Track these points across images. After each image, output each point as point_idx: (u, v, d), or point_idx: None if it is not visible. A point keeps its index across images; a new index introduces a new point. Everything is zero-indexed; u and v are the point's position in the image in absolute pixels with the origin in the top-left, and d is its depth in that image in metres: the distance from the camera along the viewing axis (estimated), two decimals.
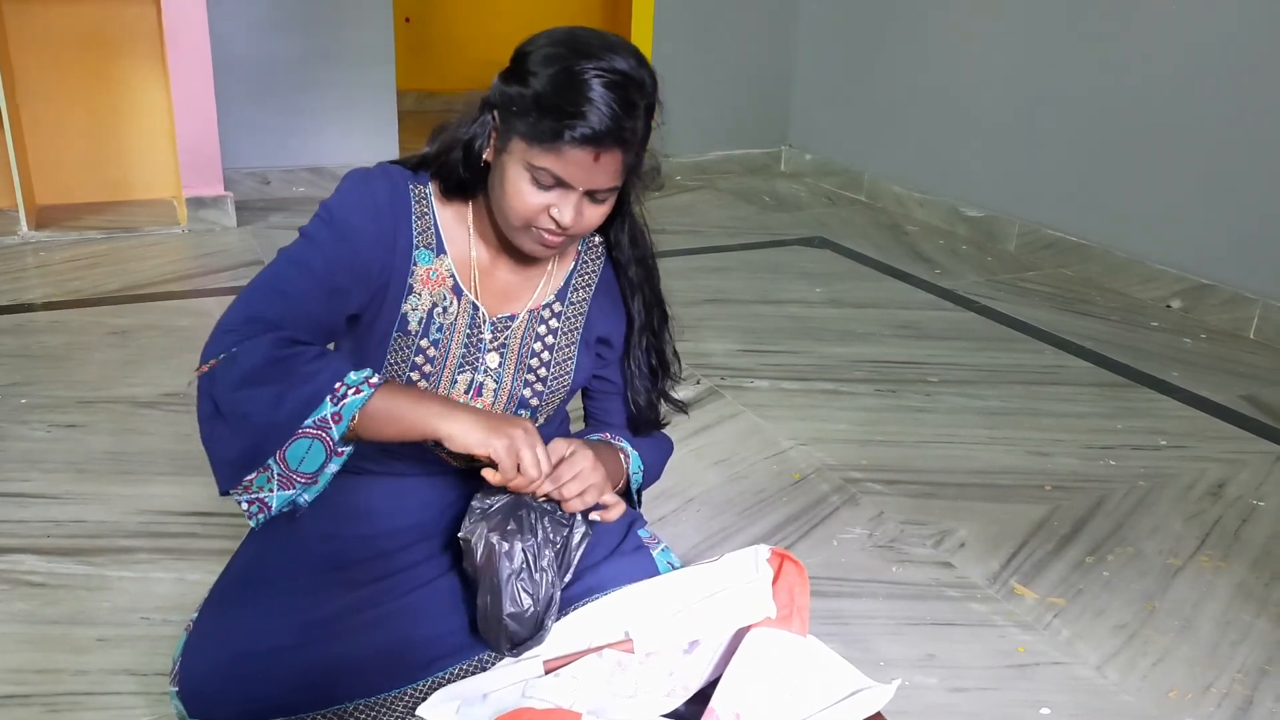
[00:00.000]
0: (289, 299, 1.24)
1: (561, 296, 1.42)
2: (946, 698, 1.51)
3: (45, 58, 3.56)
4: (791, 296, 3.21)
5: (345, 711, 1.21)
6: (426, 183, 1.35)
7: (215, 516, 1.87)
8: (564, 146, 1.17)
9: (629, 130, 1.18)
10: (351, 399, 1.16)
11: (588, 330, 1.44)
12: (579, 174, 1.19)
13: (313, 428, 1.16)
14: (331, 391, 1.16)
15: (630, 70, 1.18)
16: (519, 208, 1.23)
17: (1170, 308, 3.25)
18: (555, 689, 1.15)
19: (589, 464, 1.25)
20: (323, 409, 1.16)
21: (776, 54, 4.85)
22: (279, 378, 1.16)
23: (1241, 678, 1.58)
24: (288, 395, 1.16)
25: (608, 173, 1.20)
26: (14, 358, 2.53)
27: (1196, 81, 3.15)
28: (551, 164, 1.19)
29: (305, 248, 1.28)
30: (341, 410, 1.16)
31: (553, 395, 1.43)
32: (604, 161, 1.19)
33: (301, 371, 1.16)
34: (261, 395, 1.16)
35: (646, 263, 1.44)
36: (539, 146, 1.18)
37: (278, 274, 1.26)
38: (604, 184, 1.21)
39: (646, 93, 1.21)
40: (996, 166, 3.89)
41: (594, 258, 1.45)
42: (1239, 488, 2.14)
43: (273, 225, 3.73)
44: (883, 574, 1.81)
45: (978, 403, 2.50)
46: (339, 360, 1.21)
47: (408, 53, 4.70)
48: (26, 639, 1.54)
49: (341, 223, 1.28)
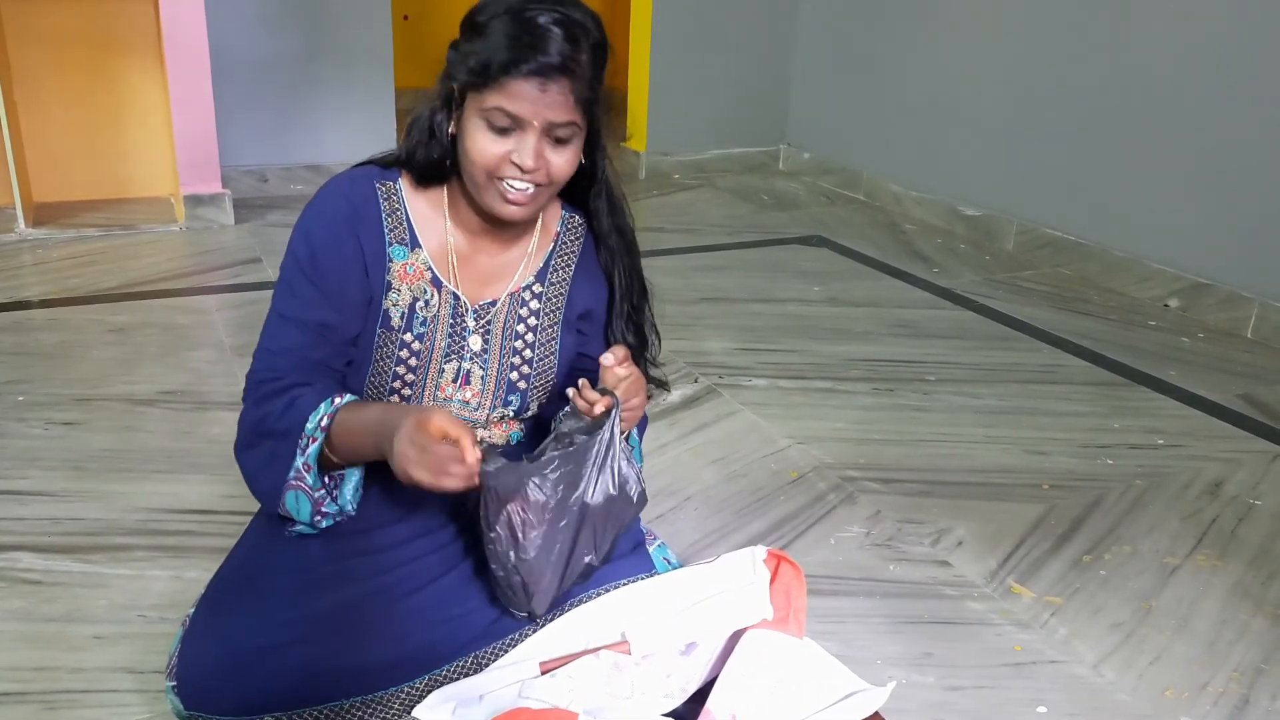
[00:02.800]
0: (279, 353, 1.33)
1: (541, 277, 1.43)
2: (943, 696, 1.51)
3: (43, 55, 3.56)
4: (789, 295, 3.21)
5: (342, 708, 1.21)
6: (396, 178, 1.36)
7: (212, 514, 1.87)
8: (509, 81, 1.20)
9: (572, 60, 1.21)
10: (311, 448, 1.26)
11: (569, 308, 1.44)
12: (528, 107, 1.21)
13: (294, 480, 1.28)
14: (298, 444, 1.26)
15: (574, 14, 1.22)
16: (479, 159, 1.25)
17: (1168, 307, 3.25)
18: (552, 689, 1.15)
19: (641, 384, 1.32)
20: (295, 461, 1.27)
21: (775, 53, 4.84)
22: (261, 439, 1.30)
23: (1238, 676, 1.58)
24: (276, 454, 1.29)
25: (559, 105, 1.22)
26: (11, 355, 2.52)
27: (1194, 80, 3.15)
28: (501, 100, 1.21)
29: (286, 297, 1.34)
30: (309, 458, 1.26)
31: (539, 377, 1.43)
32: (552, 92, 1.21)
33: (277, 430, 1.28)
34: (256, 457, 1.31)
35: (626, 233, 1.45)
36: (488, 89, 1.21)
37: (269, 330, 1.35)
38: (558, 117, 1.23)
39: (593, 33, 1.24)
40: (994, 165, 3.89)
41: (574, 237, 1.45)
42: (1236, 487, 2.14)
43: (270, 223, 3.73)
44: (880, 572, 1.81)
45: (975, 401, 2.50)
46: (305, 407, 1.27)
47: (406, 51, 4.69)
48: (23, 636, 1.53)
49: (311, 264, 1.32)
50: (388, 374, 1.36)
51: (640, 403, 1.32)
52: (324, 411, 1.26)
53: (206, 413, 2.27)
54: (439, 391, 1.39)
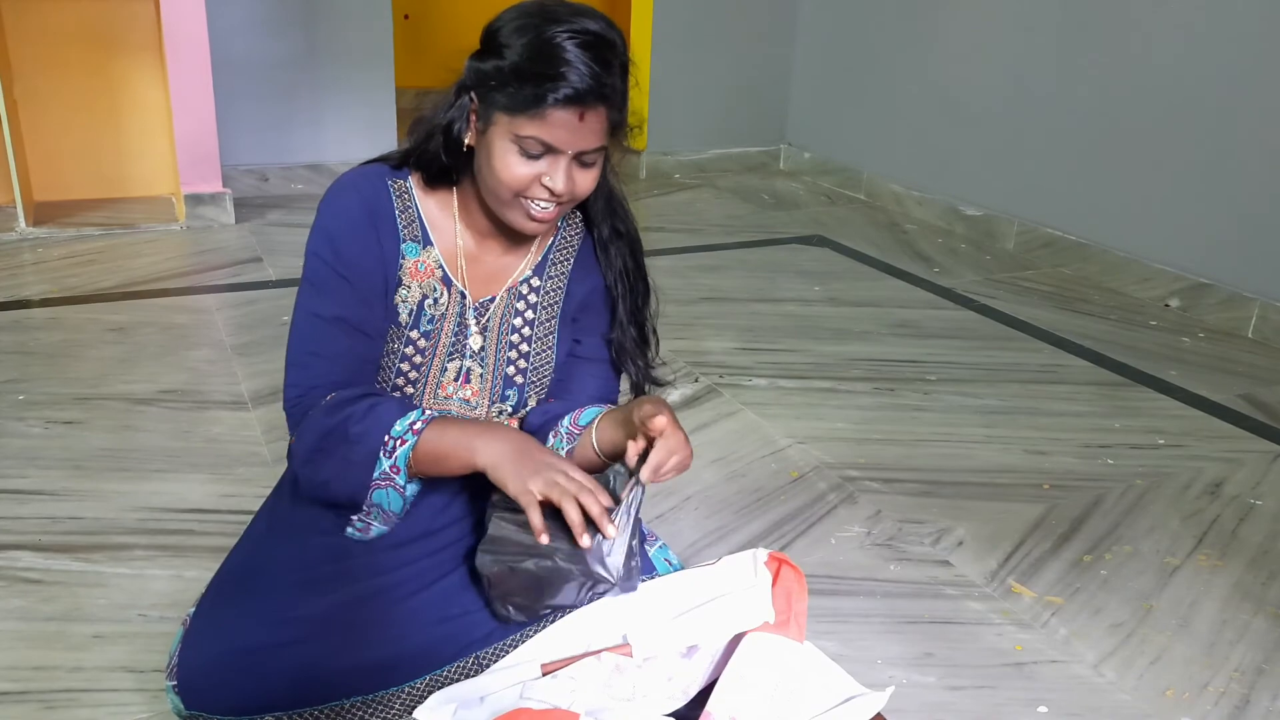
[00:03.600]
0: (326, 358, 1.30)
1: (539, 271, 1.42)
2: (944, 696, 1.51)
3: (44, 54, 3.55)
4: (789, 295, 3.21)
5: (342, 708, 1.21)
6: (407, 176, 1.36)
7: (212, 513, 1.87)
8: (548, 110, 1.18)
9: (609, 86, 1.20)
10: (400, 451, 1.24)
11: (567, 302, 1.44)
12: (566, 136, 1.20)
13: (382, 480, 1.26)
14: (383, 446, 1.24)
15: (601, 31, 1.20)
16: (509, 180, 1.24)
17: (1168, 307, 3.25)
18: (553, 690, 1.14)
19: (683, 440, 1.23)
20: (380, 465, 1.24)
21: (775, 52, 4.84)
22: (336, 446, 1.25)
23: (1239, 676, 1.58)
24: (350, 459, 1.25)
25: (594, 131, 1.22)
26: (11, 354, 2.52)
27: (1195, 80, 3.15)
28: (538, 130, 1.20)
29: (317, 298, 1.31)
30: (396, 461, 1.24)
31: (537, 372, 1.43)
32: (589, 120, 1.20)
33: (353, 433, 1.25)
34: (329, 465, 1.27)
35: (626, 234, 1.44)
36: (523, 115, 1.19)
37: (305, 336, 1.32)
38: (591, 144, 1.23)
39: (619, 51, 1.23)
40: (995, 165, 3.89)
41: (573, 232, 1.45)
42: (1236, 487, 2.14)
43: (271, 222, 3.73)
44: (880, 572, 1.81)
45: (976, 401, 2.50)
46: (388, 412, 1.26)
47: (406, 50, 4.70)
48: (23, 636, 1.53)
49: (337, 259, 1.31)
50: (391, 370, 1.36)
51: (681, 461, 1.24)
52: (417, 418, 1.25)
53: (206, 412, 2.26)
54: (440, 390, 1.39)
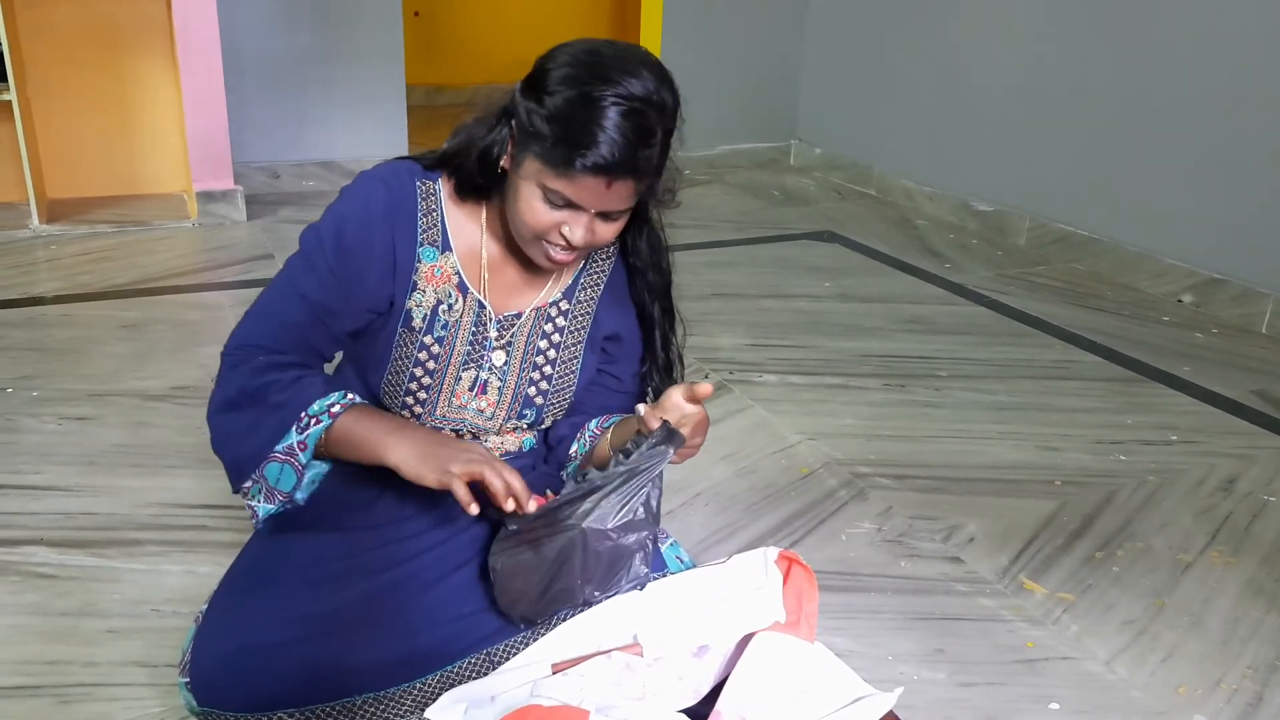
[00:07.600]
0: (281, 324, 1.33)
1: (569, 295, 1.42)
2: (955, 692, 1.50)
3: (56, 52, 3.57)
4: (800, 291, 3.21)
5: (354, 705, 1.21)
6: (437, 179, 1.35)
7: (225, 509, 1.87)
8: (576, 174, 1.17)
9: (643, 159, 1.18)
10: (313, 428, 1.27)
11: (595, 329, 1.44)
12: (591, 198, 1.20)
13: (282, 454, 1.29)
14: (297, 420, 1.28)
15: (648, 95, 1.17)
16: (531, 223, 1.24)
17: (1181, 302, 3.23)
18: (564, 688, 1.15)
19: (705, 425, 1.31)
20: (289, 438, 1.28)
21: (785, 48, 4.83)
22: (252, 405, 1.29)
23: (1251, 674, 1.57)
24: (260, 423, 1.29)
25: (620, 197, 1.21)
26: (25, 351, 2.54)
27: (1209, 75, 3.13)
28: (563, 188, 1.19)
29: (302, 269, 1.33)
30: (306, 439, 1.27)
31: (558, 394, 1.43)
32: (616, 188, 1.19)
33: (273, 400, 1.28)
34: (238, 421, 1.30)
35: (664, 269, 1.44)
36: (552, 170, 1.19)
37: (274, 297, 1.34)
38: (616, 206, 1.22)
39: (666, 117, 1.20)
40: (1006, 161, 3.87)
41: (604, 257, 1.45)
42: (1250, 483, 2.13)
43: (282, 219, 3.74)
44: (891, 569, 1.80)
45: (987, 398, 2.49)
46: (311, 388, 1.29)
47: (417, 47, 4.70)
48: (37, 630, 1.54)
49: (337, 246, 1.31)
50: (405, 374, 1.36)
51: (701, 441, 1.33)
52: (336, 400, 1.29)
53: None
54: (454, 398, 1.39)
